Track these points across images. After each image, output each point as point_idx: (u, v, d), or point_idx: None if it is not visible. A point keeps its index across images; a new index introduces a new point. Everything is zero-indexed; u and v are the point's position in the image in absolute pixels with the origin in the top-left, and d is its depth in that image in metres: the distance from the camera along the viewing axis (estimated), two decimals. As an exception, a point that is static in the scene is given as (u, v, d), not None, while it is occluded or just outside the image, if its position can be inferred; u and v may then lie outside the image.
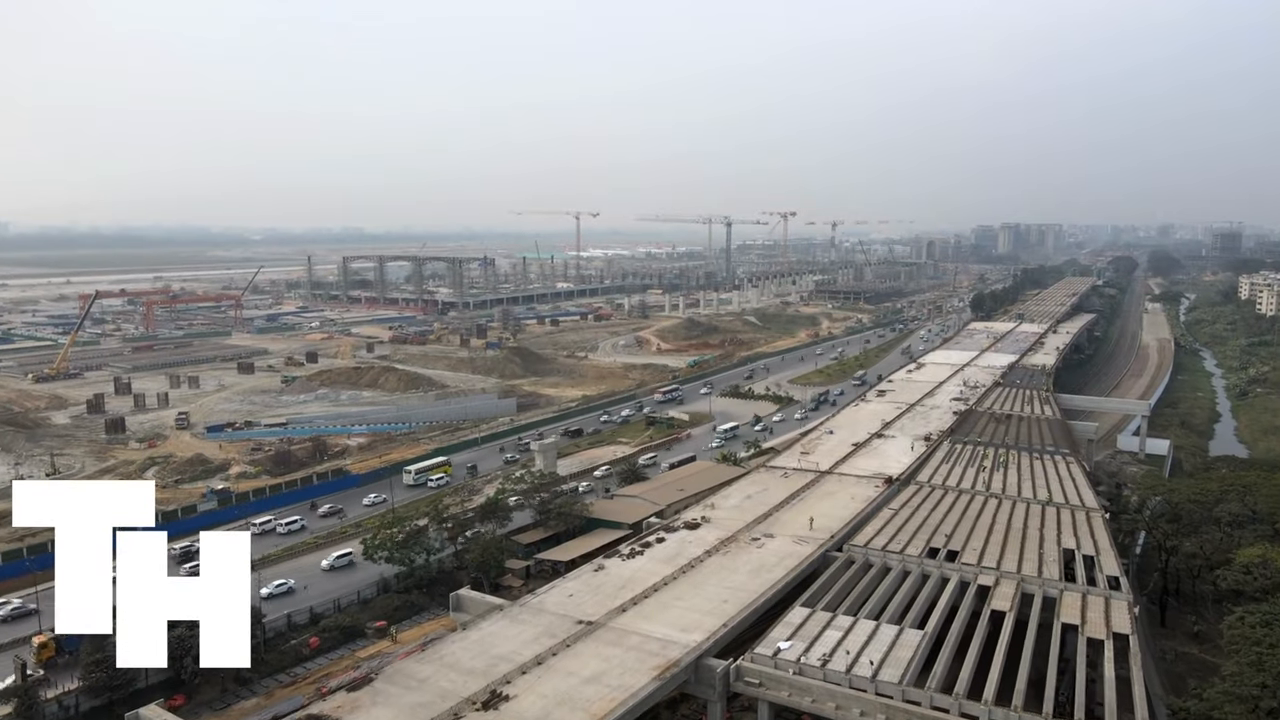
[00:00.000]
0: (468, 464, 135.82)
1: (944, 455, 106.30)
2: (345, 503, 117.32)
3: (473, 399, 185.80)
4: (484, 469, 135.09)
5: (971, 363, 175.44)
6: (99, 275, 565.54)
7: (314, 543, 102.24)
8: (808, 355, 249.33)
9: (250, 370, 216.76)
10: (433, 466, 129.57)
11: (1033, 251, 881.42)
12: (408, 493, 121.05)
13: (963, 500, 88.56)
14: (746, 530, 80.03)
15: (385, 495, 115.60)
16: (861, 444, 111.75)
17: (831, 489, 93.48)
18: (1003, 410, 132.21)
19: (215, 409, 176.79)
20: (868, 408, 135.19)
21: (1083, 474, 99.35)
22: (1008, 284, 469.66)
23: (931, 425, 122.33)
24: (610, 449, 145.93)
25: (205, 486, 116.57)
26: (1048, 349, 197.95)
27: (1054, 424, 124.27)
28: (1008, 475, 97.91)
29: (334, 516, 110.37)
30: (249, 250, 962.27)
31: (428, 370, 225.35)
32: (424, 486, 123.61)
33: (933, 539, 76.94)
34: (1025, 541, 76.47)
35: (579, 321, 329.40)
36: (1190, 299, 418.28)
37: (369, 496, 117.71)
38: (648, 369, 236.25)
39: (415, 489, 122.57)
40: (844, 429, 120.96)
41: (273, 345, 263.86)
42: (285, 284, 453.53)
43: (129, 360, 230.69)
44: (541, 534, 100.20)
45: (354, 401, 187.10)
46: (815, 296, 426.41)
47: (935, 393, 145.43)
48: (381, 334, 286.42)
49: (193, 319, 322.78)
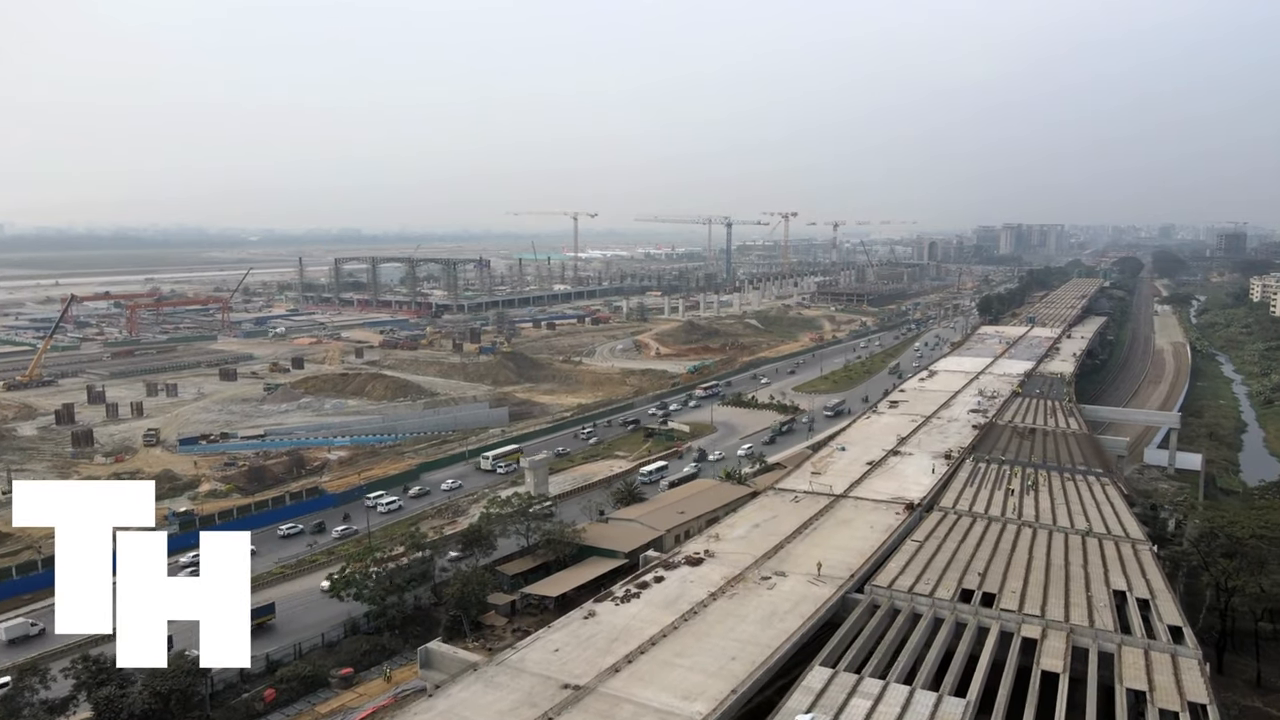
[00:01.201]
0: (452, 481, 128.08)
1: (967, 476, 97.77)
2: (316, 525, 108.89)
3: (463, 408, 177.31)
4: (471, 486, 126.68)
5: (986, 370, 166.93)
6: (89, 277, 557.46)
7: (280, 573, 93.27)
8: (812, 360, 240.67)
9: (232, 377, 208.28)
10: (507, 453, 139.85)
11: (1035, 252, 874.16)
12: (410, 503, 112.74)
13: (993, 530, 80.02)
14: (755, 567, 71.48)
15: (358, 522, 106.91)
16: (877, 463, 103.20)
17: (847, 516, 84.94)
18: (1025, 424, 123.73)
19: (191, 419, 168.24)
20: (881, 421, 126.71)
21: (1121, 498, 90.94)
22: (1013, 286, 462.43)
23: (951, 441, 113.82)
24: (606, 464, 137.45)
25: (167, 508, 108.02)
26: (1064, 355, 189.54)
27: (1082, 439, 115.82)
28: (1039, 499, 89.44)
29: (294, 537, 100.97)
30: (244, 251, 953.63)
31: (418, 376, 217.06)
32: (495, 473, 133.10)
33: (965, 578, 68.44)
34: (1069, 581, 67.94)
35: (576, 325, 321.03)
36: (1200, 301, 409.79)
37: (338, 528, 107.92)
38: (646, 374, 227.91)
39: (438, 496, 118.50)
40: (857, 445, 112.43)
41: (259, 350, 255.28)
42: (277, 286, 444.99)
43: (107, 366, 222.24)
44: (529, 563, 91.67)
45: (338, 410, 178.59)
46: (817, 299, 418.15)
47: (951, 404, 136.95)
48: (372, 338, 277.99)
49: (179, 323, 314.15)
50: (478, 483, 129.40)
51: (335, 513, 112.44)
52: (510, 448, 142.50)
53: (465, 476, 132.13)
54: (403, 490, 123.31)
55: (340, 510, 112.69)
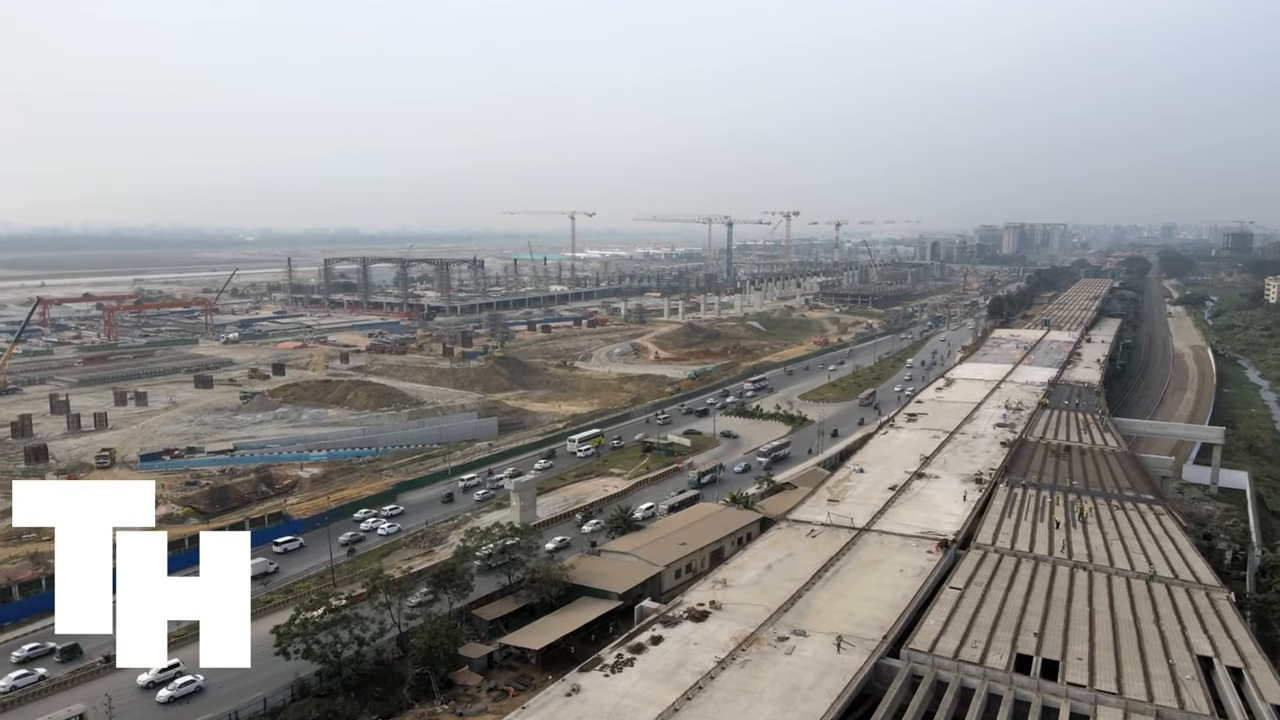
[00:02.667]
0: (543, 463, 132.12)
1: (1003, 504, 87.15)
2: (284, 554, 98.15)
3: (449, 419, 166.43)
4: (453, 508, 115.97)
5: (1007, 378, 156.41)
6: (78, 277, 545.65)
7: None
8: (817, 365, 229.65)
9: (208, 384, 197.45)
10: (590, 437, 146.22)
11: (1038, 252, 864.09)
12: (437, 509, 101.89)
13: (1043, 574, 69.41)
14: (770, 624, 60.91)
15: (319, 553, 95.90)
16: (900, 488, 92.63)
17: (873, 555, 74.32)
18: (1058, 440, 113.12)
19: (159, 431, 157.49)
20: (900, 437, 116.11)
21: (1181, 532, 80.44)
22: (1021, 286, 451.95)
23: (979, 461, 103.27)
24: (601, 482, 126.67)
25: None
26: (1087, 361, 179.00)
27: (1124, 459, 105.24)
28: (1088, 533, 78.90)
29: (260, 580, 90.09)
30: (240, 251, 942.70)
31: (404, 383, 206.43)
32: (575, 456, 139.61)
33: (1019, 639, 57.93)
34: (1144, 643, 57.44)
35: (572, 327, 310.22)
36: (1213, 302, 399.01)
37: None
38: (645, 380, 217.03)
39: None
40: (876, 466, 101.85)
41: (241, 355, 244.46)
42: (266, 287, 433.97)
43: (78, 373, 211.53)
44: (512, 605, 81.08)
45: (316, 421, 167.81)
46: (820, 300, 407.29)
47: (974, 417, 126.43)
48: (360, 341, 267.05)
49: (160, 325, 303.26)
50: (565, 464, 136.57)
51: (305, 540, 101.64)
52: (592, 431, 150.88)
53: (558, 458, 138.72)
54: (387, 512, 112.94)
55: (320, 534, 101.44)
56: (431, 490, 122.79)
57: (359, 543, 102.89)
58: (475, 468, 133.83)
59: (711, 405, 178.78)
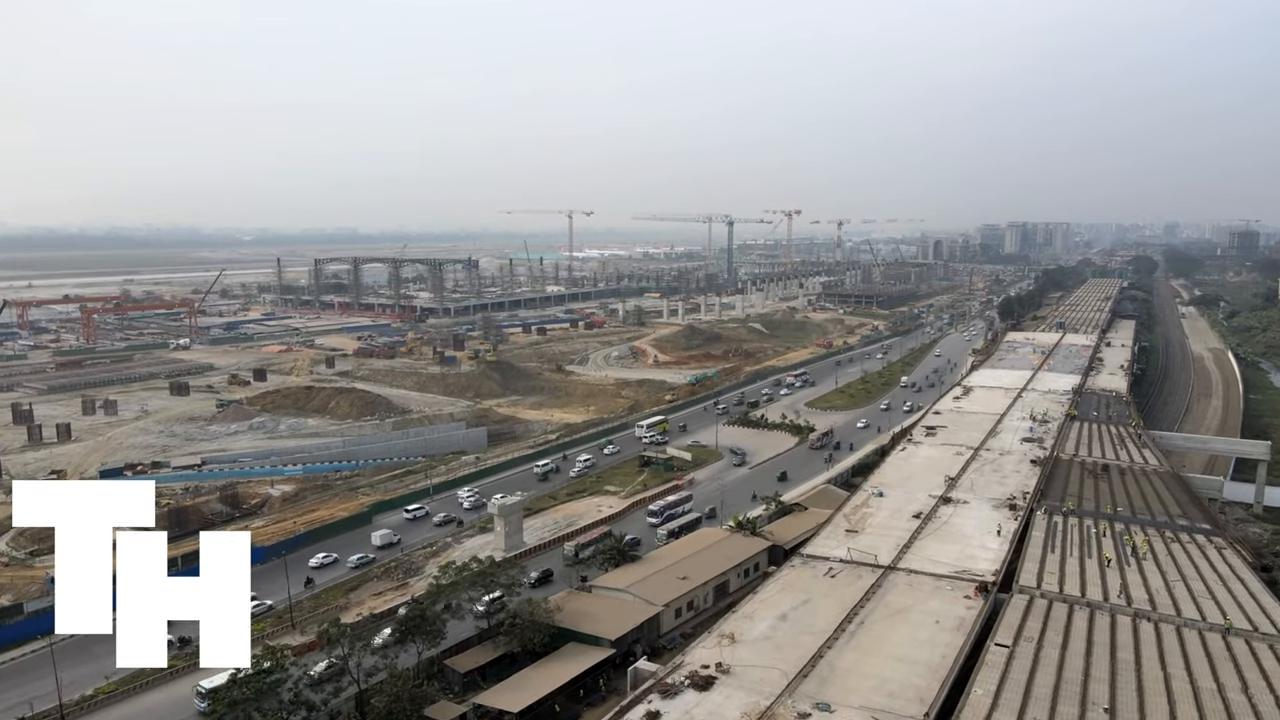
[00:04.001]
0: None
1: (1043, 535, 77.69)
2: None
3: (435, 429, 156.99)
4: (432, 533, 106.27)
5: (1028, 387, 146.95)
6: (67, 278, 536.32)
7: (153, 673, 68.51)
8: (824, 370, 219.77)
9: (184, 391, 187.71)
10: (656, 423, 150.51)
11: (1041, 251, 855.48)
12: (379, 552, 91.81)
13: (1101, 626, 59.97)
14: (788, 694, 51.39)
15: (273, 589, 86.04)
16: (926, 516, 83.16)
17: (902, 602, 64.79)
18: (1092, 458, 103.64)
19: (125, 443, 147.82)
20: (920, 454, 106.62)
21: (1248, 569, 71.04)
22: (1027, 285, 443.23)
23: (1010, 483, 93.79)
24: (595, 501, 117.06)
25: (48, 568, 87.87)
26: (1110, 367, 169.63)
27: (1168, 480, 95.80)
28: (1145, 573, 69.43)
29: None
30: (236, 251, 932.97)
31: (392, 390, 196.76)
32: (644, 441, 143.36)
33: (1086, 717, 48.46)
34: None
35: (569, 330, 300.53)
36: (1226, 302, 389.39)
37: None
38: (643, 385, 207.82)
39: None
40: (896, 489, 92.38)
41: (223, 359, 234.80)
42: (257, 288, 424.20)
43: (49, 379, 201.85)
44: (489, 653, 71.52)
45: (294, 432, 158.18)
46: (823, 300, 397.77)
47: (998, 430, 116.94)
48: (349, 345, 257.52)
49: (144, 328, 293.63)
50: (634, 449, 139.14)
51: (261, 571, 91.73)
52: (658, 418, 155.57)
53: (625, 443, 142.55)
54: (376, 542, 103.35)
55: (271, 568, 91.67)
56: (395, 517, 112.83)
57: (332, 564, 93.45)
58: (461, 484, 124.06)
59: (764, 397, 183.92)
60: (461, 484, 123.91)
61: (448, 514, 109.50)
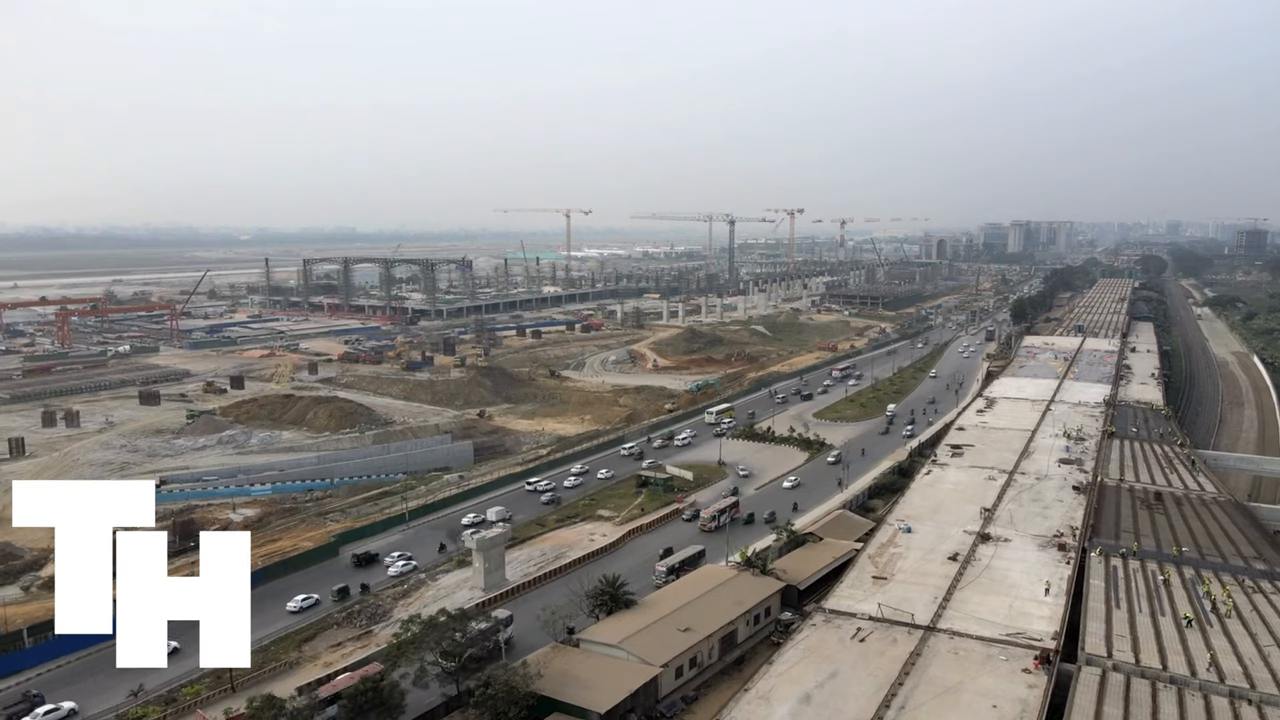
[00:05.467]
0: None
1: (1103, 583, 67.00)
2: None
3: (418, 444, 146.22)
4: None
5: (1056, 398, 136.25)
6: (55, 278, 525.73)
7: None
8: (831, 376, 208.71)
9: (154, 400, 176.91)
10: (724, 410, 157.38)
11: (1044, 250, 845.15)
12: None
13: (1195, 712, 49.26)
14: (819, 817, 40.71)
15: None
16: (964, 558, 72.45)
17: (949, 677, 54.08)
18: (1141, 484, 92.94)
19: (82, 460, 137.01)
20: (948, 478, 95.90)
21: (1352, 630, 60.16)
22: (1034, 284, 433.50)
23: (1053, 515, 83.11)
24: (587, 529, 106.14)
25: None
26: (1140, 376, 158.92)
27: (1231, 511, 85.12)
28: (1232, 635, 58.76)
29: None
30: (232, 251, 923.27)
31: (376, 398, 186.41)
32: (718, 425, 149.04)
33: None
34: None
35: (565, 332, 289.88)
36: (1243, 304, 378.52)
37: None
38: (642, 393, 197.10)
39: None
40: (925, 522, 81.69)
41: (201, 365, 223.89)
42: (246, 289, 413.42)
43: (14, 387, 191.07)
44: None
45: (267, 446, 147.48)
46: (827, 301, 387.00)
47: (1031, 450, 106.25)
48: (335, 349, 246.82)
49: (124, 331, 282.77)
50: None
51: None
52: (725, 405, 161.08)
53: (698, 430, 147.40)
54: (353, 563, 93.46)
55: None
56: (383, 539, 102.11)
57: (313, 607, 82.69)
58: (440, 509, 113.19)
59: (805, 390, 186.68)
60: (441, 508, 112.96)
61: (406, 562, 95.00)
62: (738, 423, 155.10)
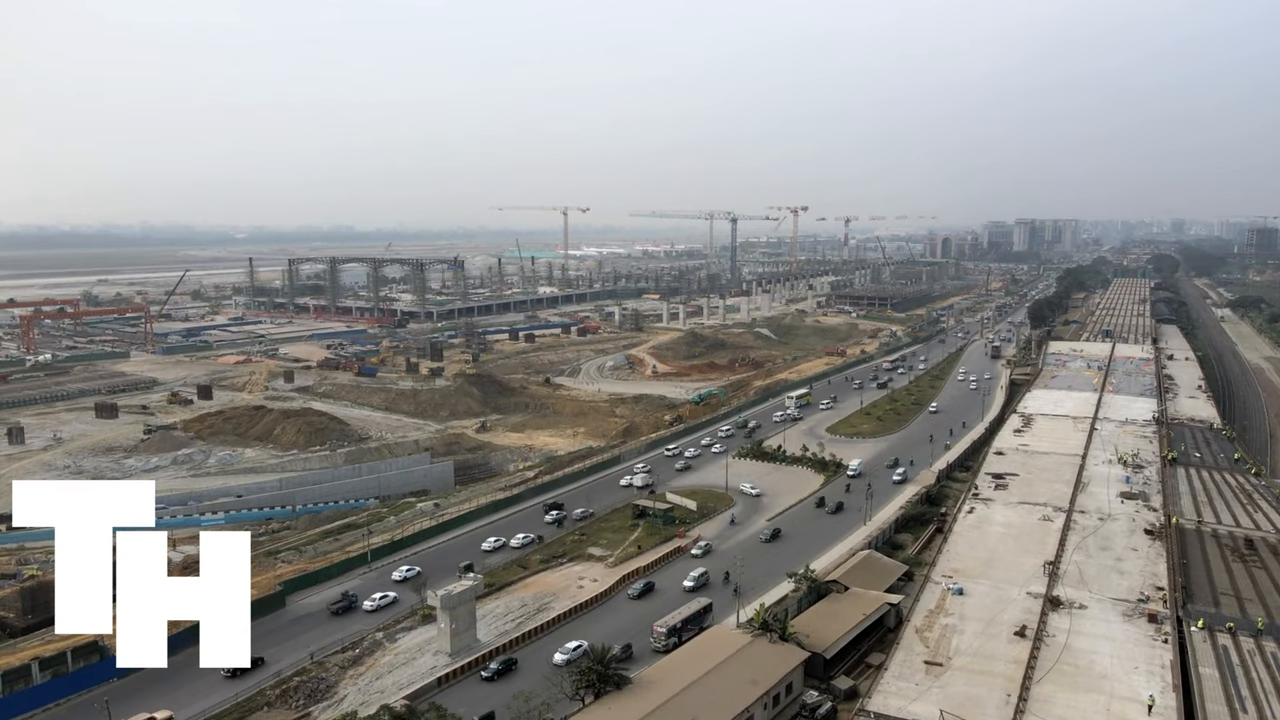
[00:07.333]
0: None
1: (1215, 671, 53.33)
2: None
3: (393, 464, 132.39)
4: (354, 625, 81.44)
5: (1100, 415, 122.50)
6: (39, 278, 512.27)
7: None
8: (843, 383, 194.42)
9: (112, 413, 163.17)
10: (802, 394, 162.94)
11: (1050, 248, 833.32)
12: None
13: None
14: None
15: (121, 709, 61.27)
16: (1034, 633, 58.67)
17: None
18: (1224, 526, 79.23)
19: (18, 482, 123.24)
20: (996, 518, 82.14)
21: None
22: (1048, 286, 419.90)
23: (1130, 569, 69.38)
24: (576, 571, 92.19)
25: None
26: (1186, 388, 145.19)
27: (1342, 565, 71.24)
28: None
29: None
30: (227, 249, 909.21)
31: (354, 409, 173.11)
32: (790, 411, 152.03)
33: None
34: None
35: (560, 336, 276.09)
36: (1266, 305, 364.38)
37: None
38: (640, 402, 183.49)
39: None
40: (977, 579, 67.98)
41: (172, 372, 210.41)
42: (231, 289, 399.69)
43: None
44: None
45: (225, 466, 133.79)
46: (833, 302, 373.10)
47: (1086, 481, 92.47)
48: (315, 354, 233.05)
49: (98, 334, 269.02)
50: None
51: (118, 689, 67.14)
52: (803, 390, 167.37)
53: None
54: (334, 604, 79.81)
55: (150, 676, 66.57)
56: (337, 585, 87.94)
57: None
58: (407, 546, 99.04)
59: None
60: (410, 544, 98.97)
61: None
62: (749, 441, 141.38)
